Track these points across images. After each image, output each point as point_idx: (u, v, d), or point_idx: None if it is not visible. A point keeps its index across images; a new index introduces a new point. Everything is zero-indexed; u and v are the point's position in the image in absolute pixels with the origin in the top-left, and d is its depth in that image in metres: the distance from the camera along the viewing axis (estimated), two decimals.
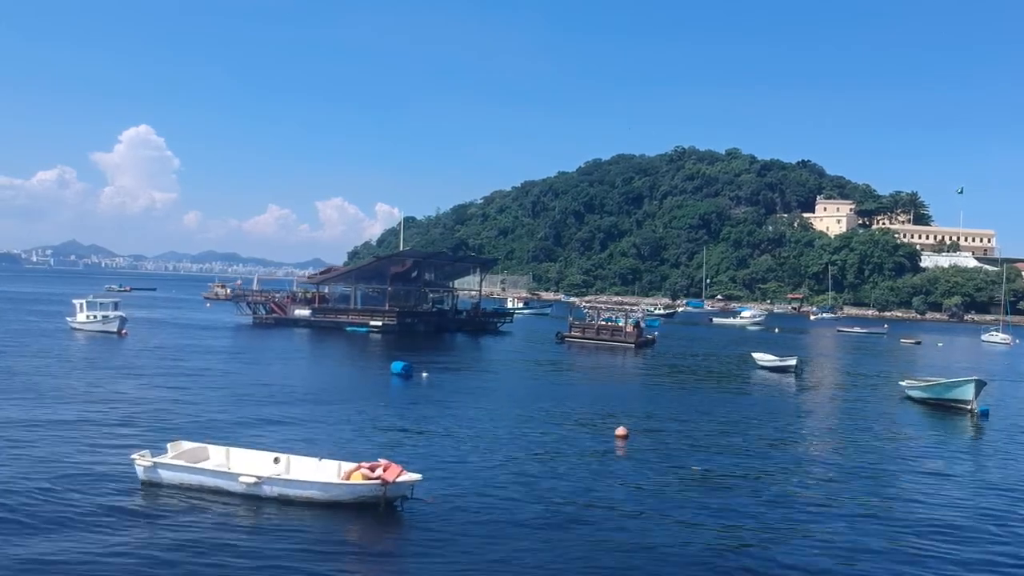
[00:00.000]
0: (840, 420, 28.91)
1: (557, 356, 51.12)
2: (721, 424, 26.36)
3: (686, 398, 32.43)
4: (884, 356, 62.94)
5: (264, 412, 24.91)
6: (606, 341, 59.53)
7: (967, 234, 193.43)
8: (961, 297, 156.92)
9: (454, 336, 64.57)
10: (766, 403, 32.25)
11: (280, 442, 19.81)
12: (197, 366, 37.01)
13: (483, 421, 24.79)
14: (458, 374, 37.74)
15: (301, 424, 23.11)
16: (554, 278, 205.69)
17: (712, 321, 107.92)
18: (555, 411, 27.38)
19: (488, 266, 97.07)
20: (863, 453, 22.45)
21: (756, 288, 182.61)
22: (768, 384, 39.10)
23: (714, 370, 45.66)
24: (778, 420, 27.76)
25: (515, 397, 30.80)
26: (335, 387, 31.39)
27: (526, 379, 38.03)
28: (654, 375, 41.78)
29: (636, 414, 27.46)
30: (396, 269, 66.54)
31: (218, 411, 24.71)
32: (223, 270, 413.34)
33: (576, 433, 23.61)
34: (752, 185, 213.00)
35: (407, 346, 53.24)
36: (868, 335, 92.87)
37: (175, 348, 45.56)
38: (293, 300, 68.38)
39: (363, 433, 22.15)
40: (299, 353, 46.31)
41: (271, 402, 27.05)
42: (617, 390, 34.53)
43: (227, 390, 29.44)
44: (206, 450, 16.03)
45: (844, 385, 40.97)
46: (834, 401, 34.41)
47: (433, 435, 22.17)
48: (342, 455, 17.59)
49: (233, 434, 20.75)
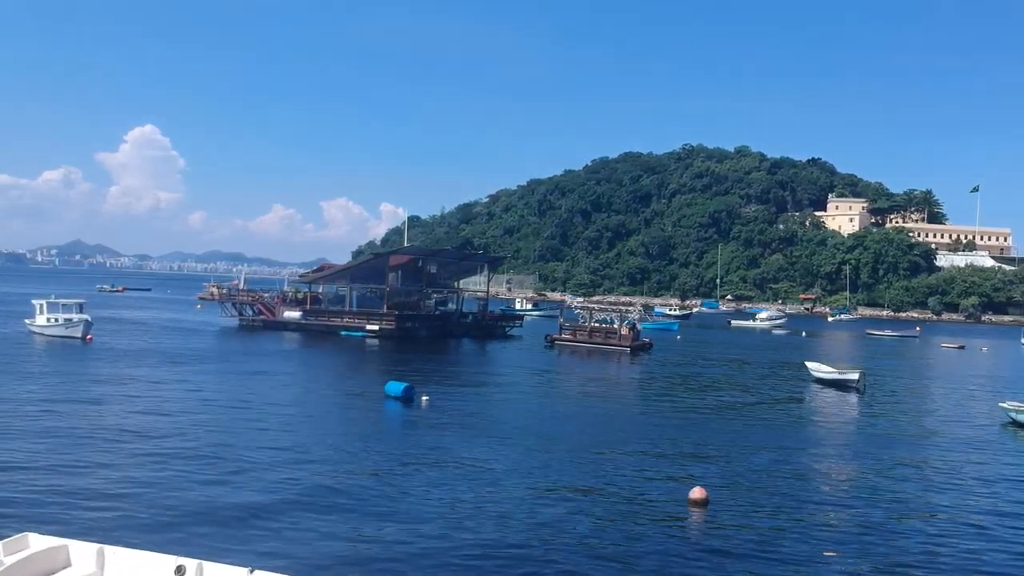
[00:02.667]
0: (963, 461, 22.74)
1: (549, 364, 45.35)
2: (811, 469, 20.42)
3: (737, 428, 26.17)
4: (934, 365, 56.96)
5: (203, 466, 17.87)
6: (599, 345, 54.35)
7: (983, 233, 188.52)
8: (978, 297, 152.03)
9: (459, 341, 58.55)
10: (846, 435, 26.28)
11: (209, 522, 13.86)
12: (153, 383, 31.02)
13: (501, 471, 18.82)
14: (464, 395, 31.41)
15: (250, 484, 16.47)
16: (561, 278, 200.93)
17: (730, 324, 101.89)
18: (584, 451, 21.48)
19: (495, 264, 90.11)
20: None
21: (767, 288, 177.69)
22: (830, 404, 33.17)
23: (749, 383, 39.67)
24: (879, 458, 21.77)
25: (533, 429, 24.84)
26: (311, 418, 25.11)
27: (539, 398, 32.09)
28: (676, 392, 35.68)
29: (684, 452, 21.58)
30: (395, 267, 60.48)
31: (147, 460, 18.46)
32: (228, 270, 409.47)
33: (629, 492, 17.24)
34: (762, 183, 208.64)
35: (407, 353, 47.51)
36: (900, 339, 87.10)
37: (139, 357, 39.58)
38: (283, 301, 62.07)
39: (334, 503, 15.73)
40: (280, 364, 39.86)
41: (218, 448, 19.69)
42: (649, 417, 28.31)
43: (170, 419, 23.44)
44: (66, 550, 10.03)
45: (923, 406, 34.41)
46: (929, 431, 27.31)
47: (432, 500, 16.01)
48: (301, 554, 11.81)
49: (149, 496, 14.99)
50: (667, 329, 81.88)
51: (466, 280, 73.01)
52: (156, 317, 72.17)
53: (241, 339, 53.15)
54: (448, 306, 67.44)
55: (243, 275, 68.52)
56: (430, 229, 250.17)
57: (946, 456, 22.64)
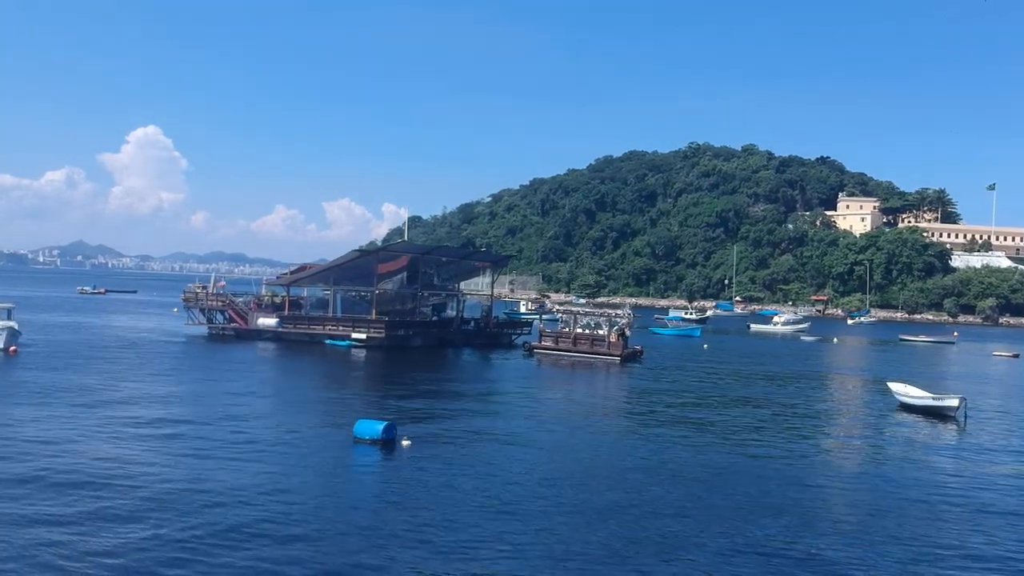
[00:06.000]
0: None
1: (530, 382, 38.58)
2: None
3: (849, 498, 19.46)
4: (998, 379, 49.88)
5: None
6: (584, 354, 48.18)
7: (999, 233, 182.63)
8: (996, 299, 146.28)
9: (459, 352, 51.43)
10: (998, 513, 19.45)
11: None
12: (34, 421, 24.20)
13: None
14: (459, 432, 24.20)
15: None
16: (565, 278, 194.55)
17: (749, 328, 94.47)
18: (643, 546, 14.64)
19: (501, 264, 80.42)
20: None
21: (777, 289, 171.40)
22: (928, 441, 26.24)
23: (814, 411, 32.77)
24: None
25: (554, 496, 17.99)
26: (259, 472, 18.33)
27: (553, 436, 25.24)
28: (718, 425, 28.84)
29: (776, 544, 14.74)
30: (386, 267, 53.34)
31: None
32: (229, 270, 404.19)
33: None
34: (771, 182, 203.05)
35: (396, 368, 40.69)
36: (937, 345, 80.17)
37: (64, 379, 32.53)
38: (258, 306, 54.79)
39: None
40: (239, 387, 32.06)
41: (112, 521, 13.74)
42: (713, 484, 21.52)
43: (49, 483, 16.62)
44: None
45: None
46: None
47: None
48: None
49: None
50: (688, 336, 74.67)
51: (467, 282, 65.76)
52: (122, 324, 65.02)
53: (204, 353, 46.13)
54: (447, 311, 60.38)
55: (213, 276, 60.40)
56: (431, 229, 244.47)
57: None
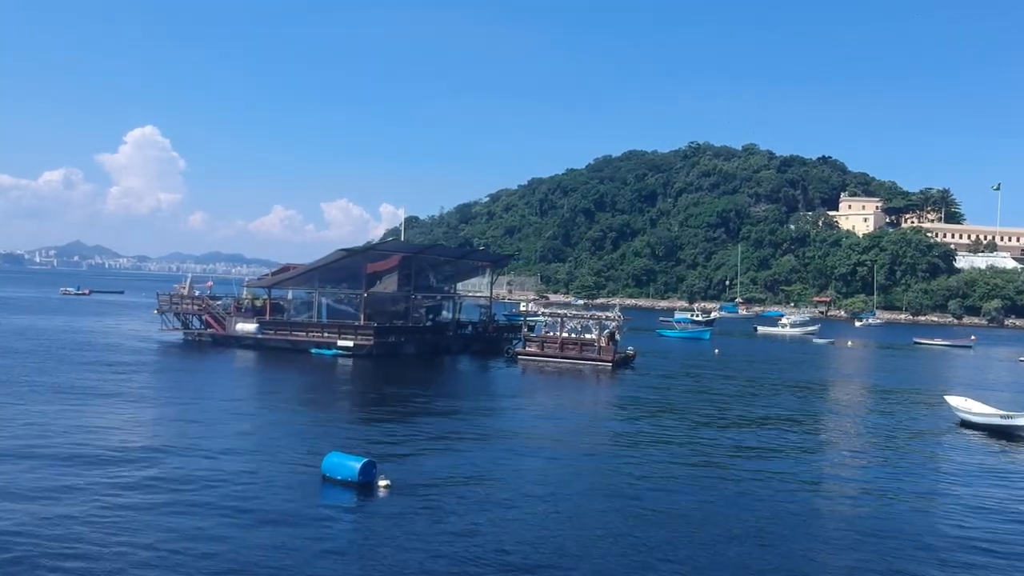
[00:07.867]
0: None
1: (517, 399, 34.54)
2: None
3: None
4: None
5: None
6: (572, 360, 44.57)
7: (1004, 233, 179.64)
8: (1001, 300, 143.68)
9: (456, 361, 47.47)
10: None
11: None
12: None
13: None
14: (448, 467, 19.87)
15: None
16: (563, 279, 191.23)
17: (756, 331, 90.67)
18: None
19: (500, 264, 76.01)
20: None
21: (779, 290, 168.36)
22: (1006, 470, 22.45)
23: (864, 431, 28.94)
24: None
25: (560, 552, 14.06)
26: (192, 532, 14.45)
27: (545, 488, 21.35)
28: (755, 443, 24.99)
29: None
30: (376, 267, 49.22)
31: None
32: (227, 271, 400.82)
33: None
34: (772, 182, 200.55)
35: (385, 380, 36.83)
36: (954, 348, 76.68)
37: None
38: (237, 310, 50.65)
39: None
40: (197, 411, 27.15)
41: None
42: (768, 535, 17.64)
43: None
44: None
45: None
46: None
47: None
48: None
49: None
50: (697, 339, 71.02)
51: (464, 283, 61.62)
52: (93, 328, 60.67)
53: (173, 362, 42.02)
54: (443, 315, 56.36)
55: (190, 277, 56.23)
56: (429, 229, 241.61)
57: None
